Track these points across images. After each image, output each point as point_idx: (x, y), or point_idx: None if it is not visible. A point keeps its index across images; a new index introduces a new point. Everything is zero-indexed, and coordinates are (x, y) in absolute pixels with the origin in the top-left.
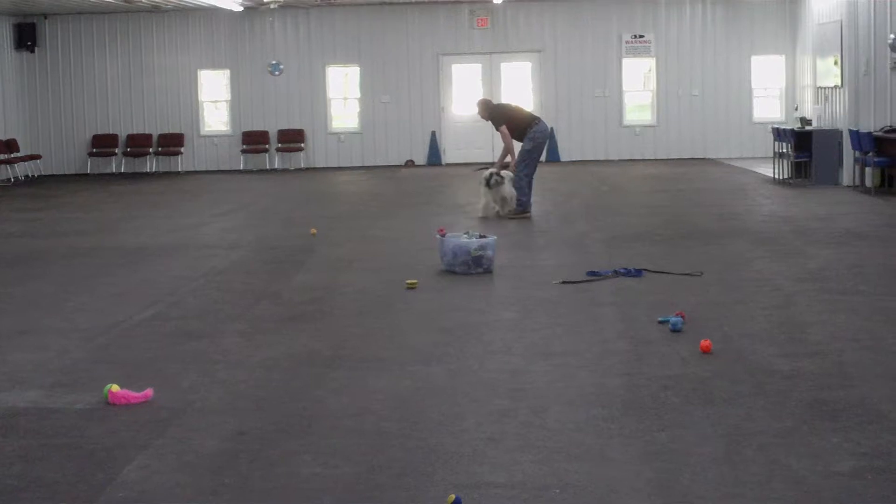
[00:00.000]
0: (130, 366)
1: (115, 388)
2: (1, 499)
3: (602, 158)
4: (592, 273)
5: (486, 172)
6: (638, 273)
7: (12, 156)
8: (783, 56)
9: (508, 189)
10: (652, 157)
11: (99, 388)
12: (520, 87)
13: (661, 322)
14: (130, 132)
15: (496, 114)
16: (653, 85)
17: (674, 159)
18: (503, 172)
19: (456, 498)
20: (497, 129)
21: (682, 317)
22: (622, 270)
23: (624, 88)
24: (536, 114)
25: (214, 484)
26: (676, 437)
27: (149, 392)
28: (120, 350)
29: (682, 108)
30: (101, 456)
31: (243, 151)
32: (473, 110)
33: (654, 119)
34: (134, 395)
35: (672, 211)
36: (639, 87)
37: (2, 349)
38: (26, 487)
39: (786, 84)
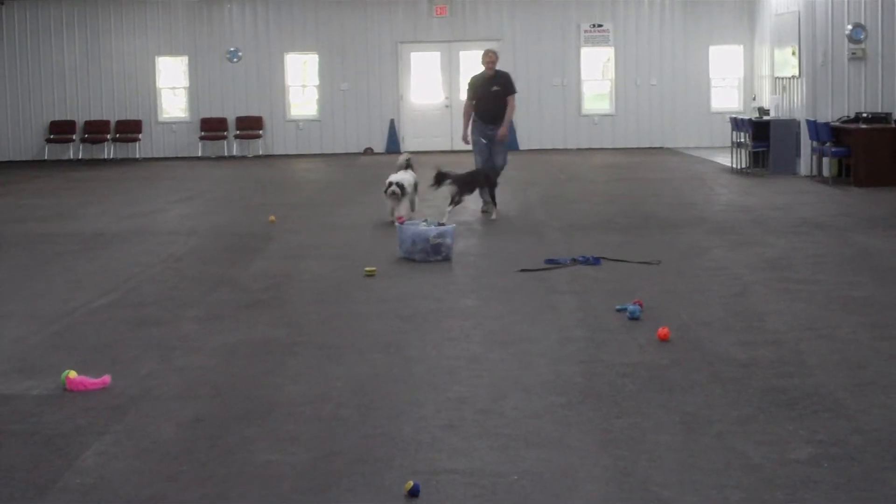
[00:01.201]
0: (88, 352)
1: (72, 374)
2: None
3: (560, 147)
4: (551, 261)
5: (387, 183)
6: (596, 261)
7: None
8: (741, 46)
9: (411, 198)
10: (610, 147)
11: (56, 374)
12: None
13: (618, 310)
14: (88, 118)
15: (512, 81)
16: (611, 74)
17: (632, 148)
18: (405, 182)
19: (414, 484)
20: (505, 96)
21: (640, 305)
22: (580, 259)
23: (582, 77)
24: None
25: (172, 470)
26: (634, 425)
27: (106, 378)
28: (77, 336)
29: (641, 98)
30: (59, 442)
31: (201, 138)
32: (436, 97)
33: (613, 108)
34: (91, 381)
35: (630, 200)
36: (597, 76)
37: None
38: None
39: (744, 74)
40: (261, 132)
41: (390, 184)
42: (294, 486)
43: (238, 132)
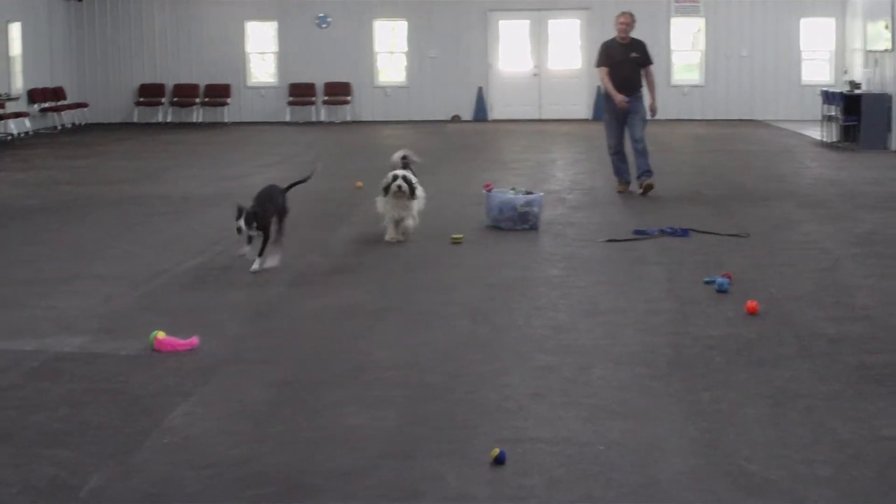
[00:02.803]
0: (176, 313)
1: (161, 335)
2: (47, 441)
3: (648, 118)
4: (639, 232)
5: (390, 177)
6: (684, 233)
7: (60, 104)
8: (833, 19)
9: (418, 205)
10: (699, 118)
11: (145, 334)
12: (568, 44)
13: (707, 282)
14: (177, 82)
15: (649, 50)
16: (701, 45)
17: (721, 120)
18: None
19: (500, 452)
20: (644, 65)
21: (729, 278)
22: (668, 230)
23: (672, 48)
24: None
25: (259, 432)
26: (721, 398)
27: (194, 340)
28: (166, 298)
29: (731, 69)
30: (147, 402)
31: (290, 103)
32: (524, 66)
33: (703, 79)
34: (180, 342)
35: (719, 172)
36: (687, 46)
37: (49, 295)
38: (72, 431)
39: (835, 47)
40: (348, 98)
41: (395, 177)
42: (381, 451)
43: (326, 98)
